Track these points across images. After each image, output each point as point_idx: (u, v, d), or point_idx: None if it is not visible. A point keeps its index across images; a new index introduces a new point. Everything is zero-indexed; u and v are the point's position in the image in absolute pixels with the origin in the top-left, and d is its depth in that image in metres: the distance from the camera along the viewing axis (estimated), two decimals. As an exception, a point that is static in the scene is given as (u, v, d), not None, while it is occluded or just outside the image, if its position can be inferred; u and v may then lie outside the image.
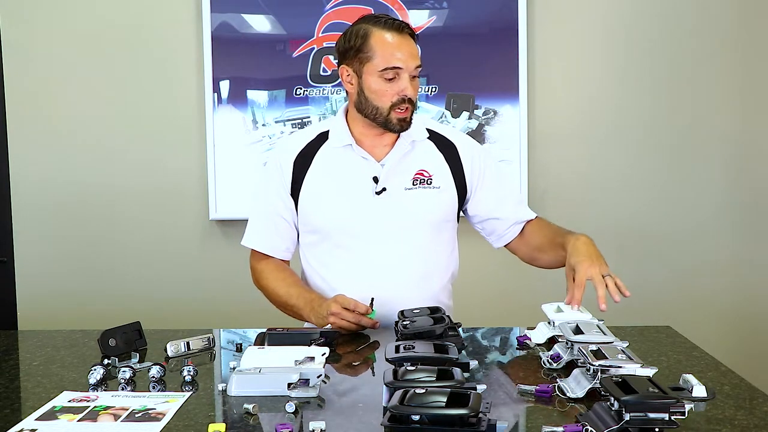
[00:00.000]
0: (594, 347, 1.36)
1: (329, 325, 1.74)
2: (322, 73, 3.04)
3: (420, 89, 3.03)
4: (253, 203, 2.04)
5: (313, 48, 3.04)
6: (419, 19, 3.02)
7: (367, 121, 1.87)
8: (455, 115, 3.05)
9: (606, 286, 1.62)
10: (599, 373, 1.27)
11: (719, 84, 3.09)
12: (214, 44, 3.01)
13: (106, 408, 1.29)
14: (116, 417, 1.25)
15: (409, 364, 1.29)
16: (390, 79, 1.80)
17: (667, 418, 1.08)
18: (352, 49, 1.83)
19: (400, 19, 1.91)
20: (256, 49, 3.04)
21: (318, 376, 1.33)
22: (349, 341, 1.71)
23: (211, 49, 3.01)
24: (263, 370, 1.36)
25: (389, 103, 1.81)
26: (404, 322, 1.60)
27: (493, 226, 1.99)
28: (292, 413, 1.23)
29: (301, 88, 3.04)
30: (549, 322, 1.69)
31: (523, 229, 1.99)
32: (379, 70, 1.79)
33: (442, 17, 3.03)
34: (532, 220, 2.00)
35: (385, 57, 1.79)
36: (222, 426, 1.15)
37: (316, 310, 1.81)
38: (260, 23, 3.05)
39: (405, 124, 1.84)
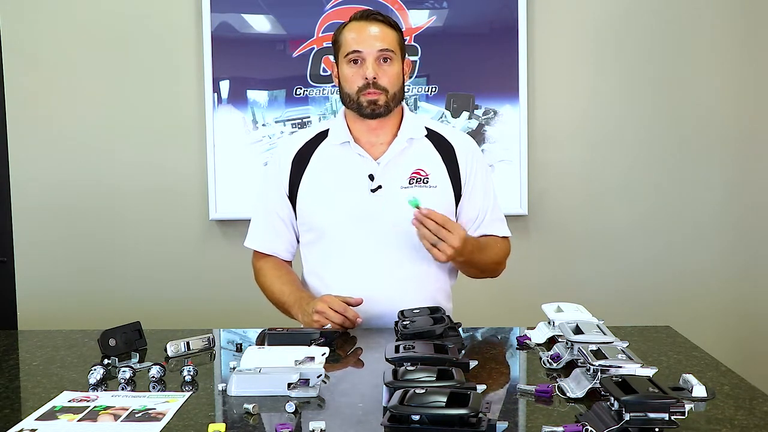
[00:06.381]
0: (594, 347, 1.35)
1: (315, 323, 1.75)
2: (322, 73, 3.04)
3: (420, 89, 3.03)
4: (255, 203, 2.05)
5: (313, 48, 3.04)
6: (419, 19, 3.02)
7: (358, 116, 1.87)
8: (455, 115, 3.05)
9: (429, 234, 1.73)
10: (599, 373, 1.27)
11: (720, 85, 3.09)
12: (214, 44, 3.01)
13: (106, 408, 1.29)
14: (116, 417, 1.25)
15: (409, 364, 1.28)
16: (355, 63, 1.84)
17: (667, 418, 1.08)
18: (333, 45, 1.91)
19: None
20: (256, 49, 3.04)
21: (318, 376, 1.32)
22: (349, 341, 1.71)
23: (211, 49, 3.01)
24: (263, 370, 1.36)
25: (356, 87, 1.84)
26: (404, 322, 1.60)
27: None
28: (292, 413, 1.23)
29: (301, 88, 3.04)
30: (549, 322, 1.69)
31: None
32: (344, 56, 1.85)
33: (442, 17, 3.03)
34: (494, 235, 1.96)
35: (348, 42, 1.84)
36: (222, 426, 1.15)
37: (304, 308, 1.82)
38: (260, 23, 3.05)
39: (376, 108, 1.84)
